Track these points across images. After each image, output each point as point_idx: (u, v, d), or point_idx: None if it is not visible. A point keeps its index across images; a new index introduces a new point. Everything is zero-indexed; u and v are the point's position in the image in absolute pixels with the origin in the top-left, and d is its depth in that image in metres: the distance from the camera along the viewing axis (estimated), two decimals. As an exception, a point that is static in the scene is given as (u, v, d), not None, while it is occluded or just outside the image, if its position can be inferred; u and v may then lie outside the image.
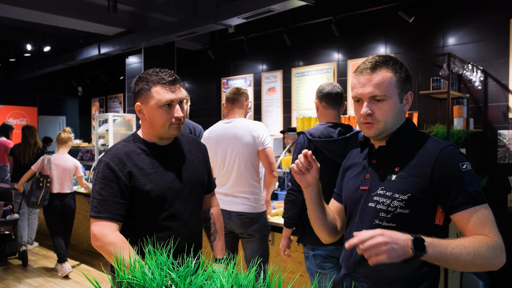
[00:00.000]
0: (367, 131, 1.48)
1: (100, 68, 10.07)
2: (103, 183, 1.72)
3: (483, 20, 4.92)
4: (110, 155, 1.77)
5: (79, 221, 6.32)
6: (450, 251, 1.25)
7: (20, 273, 5.18)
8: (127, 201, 1.74)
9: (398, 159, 1.46)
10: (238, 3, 5.40)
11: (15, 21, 7.78)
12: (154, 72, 1.79)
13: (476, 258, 1.26)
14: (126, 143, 1.83)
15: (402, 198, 1.39)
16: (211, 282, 1.14)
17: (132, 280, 1.14)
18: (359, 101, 1.48)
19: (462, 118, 4.61)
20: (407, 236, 1.22)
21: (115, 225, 1.69)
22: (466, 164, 1.37)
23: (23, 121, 10.68)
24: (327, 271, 2.53)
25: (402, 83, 1.46)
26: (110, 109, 10.60)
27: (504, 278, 4.21)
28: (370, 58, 1.47)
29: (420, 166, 1.40)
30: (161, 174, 1.79)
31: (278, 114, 7.07)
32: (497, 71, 4.80)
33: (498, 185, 4.73)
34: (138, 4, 6.92)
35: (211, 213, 2.09)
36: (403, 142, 1.48)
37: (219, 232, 2.05)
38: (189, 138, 2.03)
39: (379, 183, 1.47)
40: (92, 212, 1.71)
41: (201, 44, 8.13)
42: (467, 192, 1.34)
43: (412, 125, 1.52)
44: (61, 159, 5.15)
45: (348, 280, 1.51)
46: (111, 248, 1.58)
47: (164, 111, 1.76)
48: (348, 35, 6.15)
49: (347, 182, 1.62)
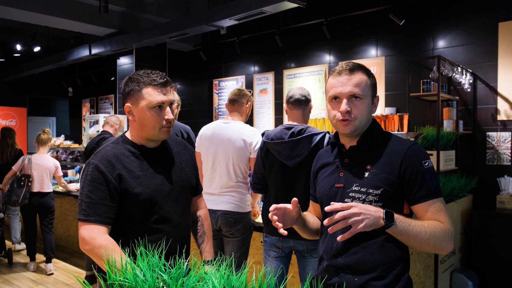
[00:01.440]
0: (344, 128, 1.59)
1: (91, 68, 10.00)
2: (92, 186, 1.69)
3: (473, 24, 4.98)
4: (99, 158, 1.74)
5: (69, 223, 6.27)
6: (412, 228, 1.42)
7: (8, 274, 5.12)
8: (116, 204, 1.72)
9: (369, 157, 1.60)
10: (230, 5, 5.40)
11: (4, 21, 7.70)
12: (145, 73, 1.78)
13: (431, 238, 1.44)
14: (115, 145, 1.81)
15: (376, 193, 1.54)
16: (203, 284, 1.15)
17: (124, 282, 1.14)
18: (336, 99, 1.60)
19: (452, 120, 4.66)
20: (378, 209, 1.38)
21: (104, 229, 1.67)
22: (428, 162, 1.56)
23: (12, 122, 10.57)
24: (271, 258, 2.73)
25: (373, 87, 1.62)
26: (101, 110, 10.53)
27: (493, 278, 4.25)
28: (346, 62, 1.63)
29: (390, 163, 1.55)
30: (150, 176, 1.78)
31: (270, 116, 7.08)
32: (486, 73, 4.85)
33: (487, 186, 4.78)
34: (129, 4, 6.89)
35: (199, 215, 2.09)
36: (372, 142, 1.62)
37: (207, 234, 2.05)
38: (176, 140, 2.02)
39: (354, 180, 1.59)
40: (81, 216, 1.68)
41: (193, 45, 8.12)
42: (427, 187, 1.51)
43: (378, 125, 1.67)
44: (41, 159, 5.31)
45: (331, 271, 1.61)
46: (102, 251, 1.56)
47: (155, 112, 1.75)
48: (339, 37, 6.18)
49: (321, 182, 1.72)
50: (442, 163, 4.11)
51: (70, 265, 5.55)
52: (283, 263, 2.73)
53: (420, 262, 3.55)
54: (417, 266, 3.49)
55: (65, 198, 6.26)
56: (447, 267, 4.11)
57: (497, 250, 4.22)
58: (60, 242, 6.51)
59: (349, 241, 1.55)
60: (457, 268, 4.35)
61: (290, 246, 2.67)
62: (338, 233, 1.57)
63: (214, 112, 8.00)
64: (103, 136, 4.58)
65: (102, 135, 4.63)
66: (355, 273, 1.56)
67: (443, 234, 1.47)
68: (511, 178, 4.57)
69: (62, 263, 5.63)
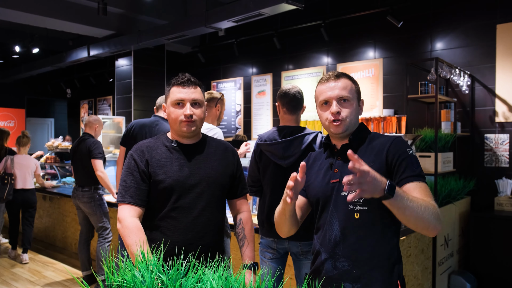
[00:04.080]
0: (336, 129, 1.71)
1: (90, 70, 10.00)
2: (127, 172, 1.93)
3: (470, 26, 5.00)
4: (135, 148, 1.99)
5: (67, 224, 6.27)
6: (410, 201, 1.48)
7: (6, 275, 5.12)
8: (148, 188, 1.92)
9: (360, 152, 1.70)
10: (228, 7, 5.41)
11: (3, 23, 7.70)
12: (176, 76, 2.01)
13: (425, 213, 1.49)
14: (152, 140, 2.04)
15: None
16: (201, 285, 1.15)
17: (122, 283, 1.15)
18: (327, 104, 1.73)
19: (450, 122, 4.67)
20: (384, 179, 1.44)
21: (136, 209, 1.87)
22: (411, 151, 1.67)
23: (10, 123, 10.57)
24: (266, 260, 2.73)
25: (357, 92, 1.77)
26: (99, 111, 10.53)
27: (491, 280, 4.26)
28: (331, 71, 1.80)
29: (379, 155, 1.66)
30: (176, 168, 1.93)
31: (268, 117, 7.09)
32: (483, 75, 4.87)
33: (485, 188, 4.80)
34: (128, 6, 6.90)
35: (240, 219, 2.14)
36: (363, 139, 1.75)
37: (248, 238, 2.10)
38: (218, 142, 2.14)
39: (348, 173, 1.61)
40: (118, 197, 1.91)
41: (191, 47, 8.13)
42: (413, 169, 1.61)
43: (365, 126, 1.82)
44: (24, 158, 5.89)
45: (329, 263, 1.68)
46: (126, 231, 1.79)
47: (176, 108, 1.94)
48: (337, 39, 6.20)
49: (315, 179, 1.80)
50: (440, 165, 4.12)
51: (68, 266, 5.54)
52: (280, 264, 2.74)
53: (418, 264, 3.55)
54: (415, 268, 3.49)
55: (63, 199, 6.26)
56: (445, 269, 4.11)
57: (495, 252, 4.23)
58: (58, 243, 6.50)
59: (347, 231, 1.64)
60: (455, 270, 4.36)
61: (285, 247, 2.67)
62: (335, 225, 1.67)
63: (213, 113, 8.00)
64: (83, 138, 4.69)
65: (82, 137, 4.72)
66: (353, 263, 1.62)
67: (434, 211, 1.52)
68: (509, 180, 4.58)
69: (60, 264, 5.63)
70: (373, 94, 5.83)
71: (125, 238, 1.79)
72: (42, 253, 6.18)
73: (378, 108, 5.75)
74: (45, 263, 5.67)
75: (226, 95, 7.76)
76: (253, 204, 4.45)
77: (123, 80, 7.41)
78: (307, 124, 4.91)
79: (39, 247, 6.47)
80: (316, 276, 1.71)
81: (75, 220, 5.94)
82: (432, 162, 4.03)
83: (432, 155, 4.06)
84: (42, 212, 6.85)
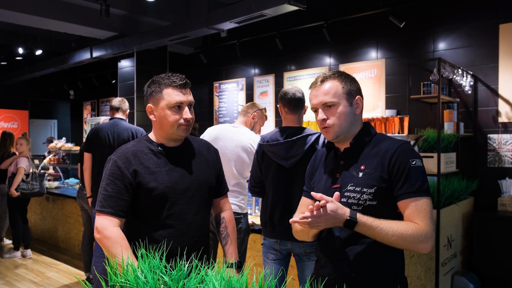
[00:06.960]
0: (327, 135, 1.70)
1: (92, 71, 10.02)
2: (109, 180, 1.82)
3: (473, 26, 4.98)
4: (119, 154, 1.87)
5: (70, 225, 6.28)
6: (379, 230, 1.50)
7: (9, 276, 5.13)
8: (130, 198, 1.82)
9: (363, 158, 1.66)
10: (230, 8, 5.42)
11: (6, 25, 7.73)
12: (166, 76, 1.91)
13: (399, 240, 1.49)
14: (135, 143, 1.93)
15: (370, 192, 1.59)
16: (204, 285, 1.15)
17: (125, 284, 1.15)
18: (316, 111, 1.72)
19: (453, 122, 4.66)
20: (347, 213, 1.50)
21: (116, 220, 1.78)
22: (416, 161, 1.59)
23: (14, 125, 10.61)
24: (269, 261, 2.73)
25: (348, 91, 1.69)
26: (102, 112, 10.55)
27: (494, 281, 4.24)
28: (321, 74, 1.75)
29: (381, 162, 1.61)
30: (166, 173, 1.86)
31: (271, 118, 7.09)
32: (486, 76, 4.86)
33: (488, 189, 4.78)
34: (130, 8, 6.91)
35: (223, 217, 2.12)
36: (365, 143, 1.69)
37: (231, 236, 2.08)
38: (200, 141, 2.09)
39: (349, 180, 1.65)
40: (98, 206, 1.82)
41: (193, 48, 8.14)
42: (411, 184, 1.55)
43: (370, 127, 1.74)
44: None
45: (329, 267, 1.68)
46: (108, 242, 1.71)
47: (174, 112, 1.85)
48: (339, 39, 6.20)
49: (319, 182, 1.79)
50: (443, 165, 4.11)
51: (72, 267, 5.55)
52: (282, 265, 2.73)
53: (421, 264, 3.55)
54: (418, 269, 3.49)
55: (66, 200, 6.28)
56: (448, 269, 4.10)
57: (498, 252, 4.22)
58: (61, 244, 6.52)
59: (347, 236, 1.63)
60: (458, 271, 4.35)
61: (287, 248, 2.67)
62: (335, 230, 1.67)
63: (215, 114, 8.02)
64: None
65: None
66: (354, 270, 1.61)
67: (415, 236, 1.49)
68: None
69: (64, 265, 5.64)
70: (375, 95, 5.82)
71: (109, 248, 1.70)
72: (45, 254, 6.20)
73: (380, 109, 5.75)
74: (49, 264, 5.69)
75: (229, 96, 7.77)
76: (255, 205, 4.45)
77: (126, 81, 7.43)
78: (310, 125, 4.92)
79: (43, 248, 6.49)
80: (318, 278, 1.71)
81: (78, 221, 5.96)
82: (435, 162, 4.02)
83: (434, 155, 4.05)
84: (46, 213, 6.87)
